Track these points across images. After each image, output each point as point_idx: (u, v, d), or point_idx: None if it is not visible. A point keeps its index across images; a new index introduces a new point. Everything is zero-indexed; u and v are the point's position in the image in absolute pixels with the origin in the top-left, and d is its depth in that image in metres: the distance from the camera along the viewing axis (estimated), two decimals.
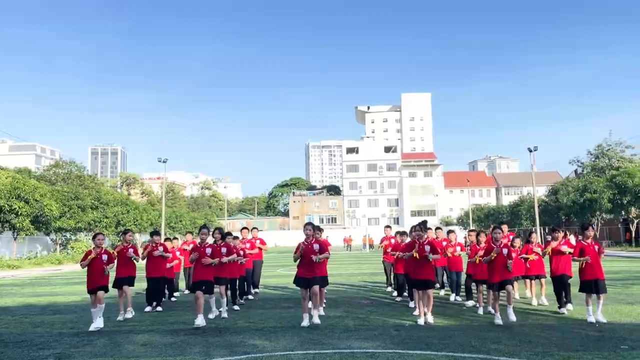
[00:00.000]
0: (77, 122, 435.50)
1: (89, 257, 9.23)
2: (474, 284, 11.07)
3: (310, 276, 9.01)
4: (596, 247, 9.29)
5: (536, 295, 11.53)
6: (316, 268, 9.10)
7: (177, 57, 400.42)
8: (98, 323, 8.98)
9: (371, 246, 55.78)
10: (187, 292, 14.14)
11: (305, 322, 8.90)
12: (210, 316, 9.89)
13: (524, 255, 11.30)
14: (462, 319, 9.46)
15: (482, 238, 10.88)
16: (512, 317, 8.96)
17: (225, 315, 10.06)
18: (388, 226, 14.65)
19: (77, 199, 39.08)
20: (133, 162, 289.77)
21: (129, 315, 10.19)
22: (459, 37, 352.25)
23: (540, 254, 11.23)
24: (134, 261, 10.51)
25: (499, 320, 8.85)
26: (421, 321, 8.93)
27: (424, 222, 9.62)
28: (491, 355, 6.63)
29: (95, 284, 9.16)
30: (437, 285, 13.54)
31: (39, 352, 7.33)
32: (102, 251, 9.39)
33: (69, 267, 31.25)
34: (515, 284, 12.04)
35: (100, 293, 9.11)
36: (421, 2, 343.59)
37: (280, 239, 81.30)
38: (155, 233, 11.88)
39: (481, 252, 10.18)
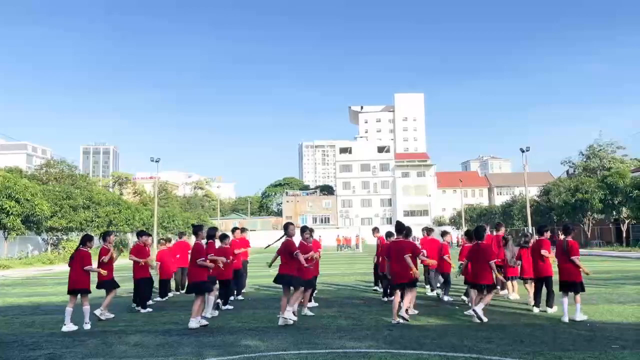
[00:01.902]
0: (69, 122, 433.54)
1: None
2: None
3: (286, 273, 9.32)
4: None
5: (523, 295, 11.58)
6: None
7: (170, 56, 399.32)
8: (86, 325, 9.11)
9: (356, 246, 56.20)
10: (179, 292, 14.10)
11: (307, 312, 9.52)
12: (207, 315, 9.77)
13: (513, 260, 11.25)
14: (454, 319, 9.49)
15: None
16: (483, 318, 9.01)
17: (215, 314, 10.06)
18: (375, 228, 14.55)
19: (68, 198, 38.82)
20: (125, 162, 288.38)
21: (104, 317, 10.05)
22: (452, 37, 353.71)
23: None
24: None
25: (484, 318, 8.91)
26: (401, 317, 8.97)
27: (397, 224, 9.65)
28: (483, 354, 6.65)
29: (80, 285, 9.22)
30: (427, 287, 13.56)
31: (30, 352, 7.28)
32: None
33: (60, 267, 31.05)
34: (515, 284, 12.13)
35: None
36: (417, 2, 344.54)
37: (273, 239, 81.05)
38: (144, 233, 11.74)
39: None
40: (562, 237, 9.50)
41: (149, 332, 8.63)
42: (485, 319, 8.89)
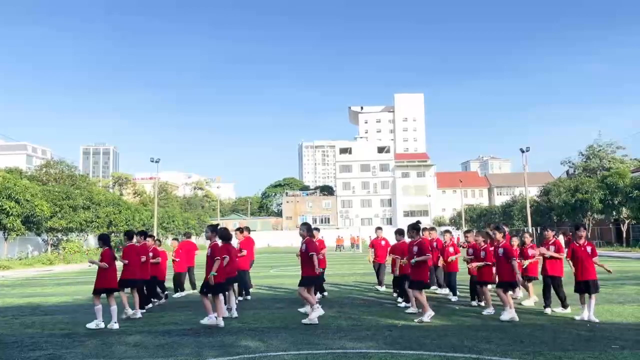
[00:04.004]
0: (69, 122, 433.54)
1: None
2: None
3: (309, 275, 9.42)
4: (589, 248, 9.30)
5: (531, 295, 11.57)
6: (302, 268, 9.53)
7: (170, 56, 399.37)
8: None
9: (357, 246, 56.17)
10: (192, 292, 14.13)
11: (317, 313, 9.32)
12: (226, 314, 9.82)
13: (523, 261, 11.16)
14: (454, 319, 9.48)
15: (480, 238, 10.85)
16: (506, 318, 9.11)
17: (236, 314, 10.07)
18: (379, 228, 14.64)
19: (68, 199, 38.74)
20: (125, 162, 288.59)
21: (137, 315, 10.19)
22: (452, 37, 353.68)
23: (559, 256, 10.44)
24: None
25: (513, 316, 9.04)
26: (427, 318, 9.01)
27: (417, 223, 9.68)
28: (483, 355, 6.65)
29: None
30: (435, 287, 13.51)
31: (30, 353, 7.27)
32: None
33: (60, 267, 31.05)
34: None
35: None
36: (417, 2, 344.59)
37: (273, 239, 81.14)
38: (142, 233, 11.69)
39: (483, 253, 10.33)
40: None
41: (149, 333, 8.63)
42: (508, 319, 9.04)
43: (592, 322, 8.84)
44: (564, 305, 10.07)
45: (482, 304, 10.84)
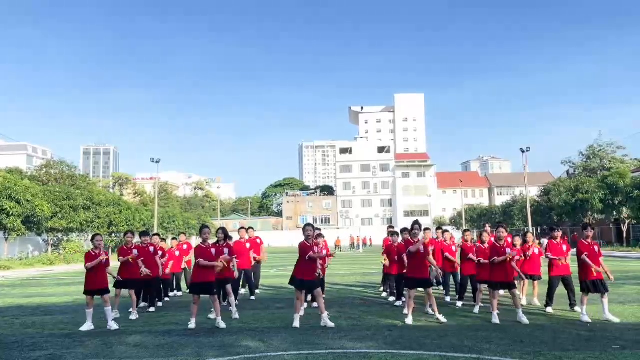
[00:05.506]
0: (69, 122, 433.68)
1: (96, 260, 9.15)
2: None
3: (310, 279, 9.09)
4: (596, 248, 9.37)
5: (527, 295, 11.58)
6: (312, 270, 9.17)
7: (170, 56, 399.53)
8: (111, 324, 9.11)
9: (365, 245, 56.17)
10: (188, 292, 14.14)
11: (297, 323, 8.89)
12: (211, 316, 9.75)
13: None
14: (455, 319, 9.48)
15: (486, 238, 10.79)
16: (524, 320, 8.99)
17: (236, 316, 9.93)
18: (391, 226, 14.57)
19: (69, 199, 38.73)
20: (125, 162, 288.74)
21: (115, 315, 10.04)
22: (452, 37, 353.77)
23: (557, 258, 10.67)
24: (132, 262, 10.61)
25: (496, 320, 9.00)
26: (409, 321, 8.98)
27: (416, 222, 9.67)
28: (484, 355, 6.65)
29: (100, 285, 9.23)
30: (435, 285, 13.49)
31: (30, 353, 7.27)
32: (100, 252, 9.41)
33: (61, 267, 31.04)
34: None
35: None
36: (417, 2, 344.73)
37: (273, 239, 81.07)
38: (145, 233, 11.65)
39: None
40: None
41: (149, 333, 8.63)
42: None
43: (610, 320, 8.95)
44: (572, 304, 10.29)
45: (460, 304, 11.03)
